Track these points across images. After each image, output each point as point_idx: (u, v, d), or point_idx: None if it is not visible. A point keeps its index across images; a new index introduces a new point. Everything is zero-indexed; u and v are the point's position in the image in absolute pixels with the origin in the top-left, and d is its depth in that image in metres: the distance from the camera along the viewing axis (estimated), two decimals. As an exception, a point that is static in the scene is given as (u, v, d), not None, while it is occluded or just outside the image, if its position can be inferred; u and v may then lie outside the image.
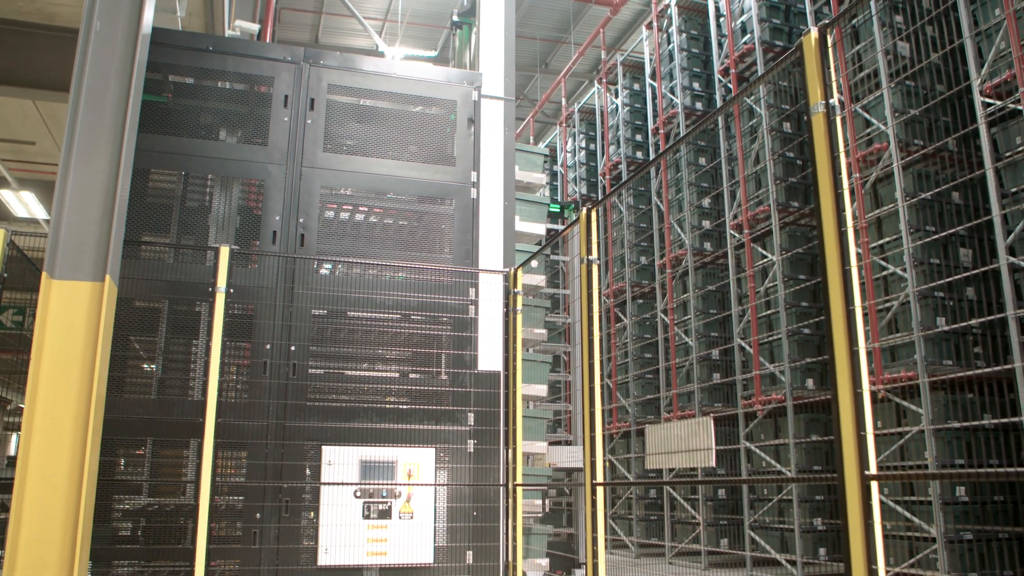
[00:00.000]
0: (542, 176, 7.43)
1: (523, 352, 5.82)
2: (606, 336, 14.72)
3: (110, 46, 3.79)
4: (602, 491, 4.33)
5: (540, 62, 18.74)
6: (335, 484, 4.85)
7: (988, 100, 7.68)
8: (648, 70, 14.46)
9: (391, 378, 5.73)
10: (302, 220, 5.32)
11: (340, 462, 4.90)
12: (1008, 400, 8.08)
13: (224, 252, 4.73)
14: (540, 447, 6.83)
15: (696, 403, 11.56)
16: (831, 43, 2.86)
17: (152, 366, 5.38)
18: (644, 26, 14.99)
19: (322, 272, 5.49)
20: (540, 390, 6.96)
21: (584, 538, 4.37)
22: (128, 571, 4.61)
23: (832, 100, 2.81)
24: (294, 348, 5.08)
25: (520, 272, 5.67)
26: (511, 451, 5.34)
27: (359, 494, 4.91)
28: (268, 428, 4.92)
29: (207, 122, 5.71)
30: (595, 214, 4.69)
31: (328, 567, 4.77)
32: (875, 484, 2.52)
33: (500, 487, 5.31)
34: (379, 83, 5.81)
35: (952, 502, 7.71)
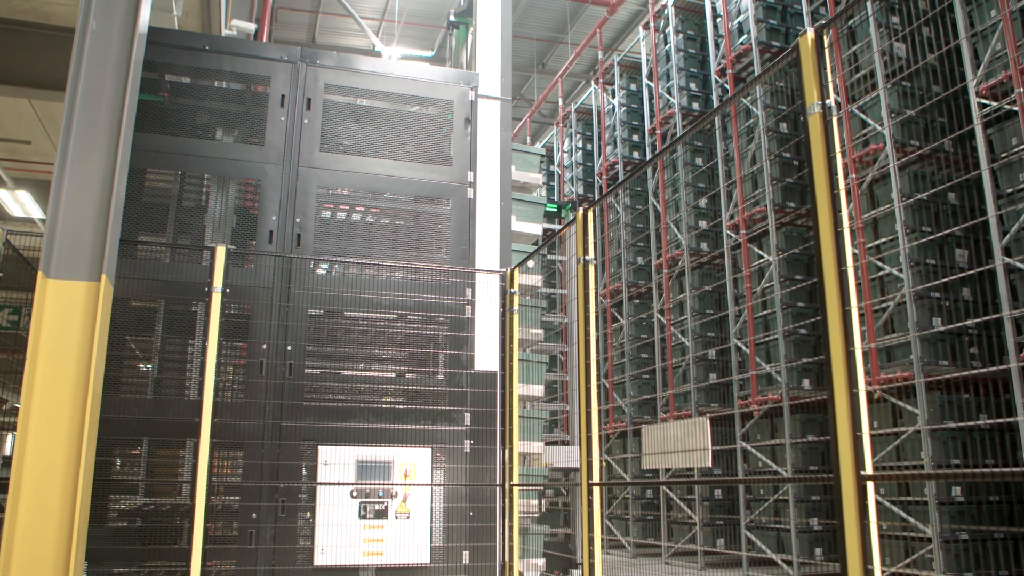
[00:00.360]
0: (539, 176, 7.43)
1: (520, 352, 5.82)
2: (603, 336, 14.73)
3: (106, 45, 3.79)
4: (598, 491, 4.33)
5: (537, 62, 18.75)
6: (331, 484, 4.85)
7: (984, 101, 7.70)
8: (645, 70, 14.48)
9: (387, 378, 5.73)
10: (298, 220, 5.32)
11: (336, 462, 4.89)
12: (1004, 400, 8.10)
13: (220, 252, 4.73)
14: (537, 447, 6.84)
15: (692, 403, 11.56)
16: (828, 44, 2.87)
17: (148, 366, 5.37)
18: (641, 26, 15.01)
19: (318, 272, 5.48)
20: (537, 390, 6.96)
21: (580, 538, 4.37)
22: (124, 571, 4.59)
23: (828, 101, 2.81)
24: (290, 348, 5.08)
25: (517, 272, 5.67)
26: (508, 451, 5.34)
27: (355, 494, 4.90)
28: (264, 428, 4.91)
29: (203, 122, 5.70)
30: (592, 214, 4.69)
31: (324, 567, 4.77)
32: (871, 484, 2.52)
33: (497, 487, 5.30)
34: (376, 83, 5.80)
35: (948, 502, 7.73)
